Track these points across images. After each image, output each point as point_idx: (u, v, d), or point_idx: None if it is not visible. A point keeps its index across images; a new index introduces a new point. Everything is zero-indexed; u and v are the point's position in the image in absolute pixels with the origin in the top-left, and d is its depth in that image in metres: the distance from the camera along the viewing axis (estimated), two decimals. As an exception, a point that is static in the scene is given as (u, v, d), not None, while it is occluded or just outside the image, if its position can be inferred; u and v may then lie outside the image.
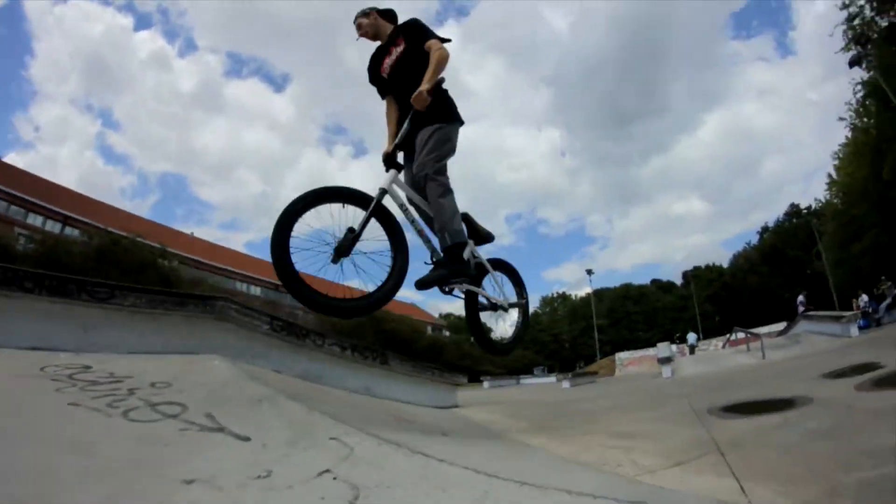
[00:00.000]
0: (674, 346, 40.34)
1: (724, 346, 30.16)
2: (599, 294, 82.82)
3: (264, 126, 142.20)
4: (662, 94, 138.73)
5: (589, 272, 60.26)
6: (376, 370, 6.31)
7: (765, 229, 71.16)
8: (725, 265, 78.65)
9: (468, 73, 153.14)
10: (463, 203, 3.80)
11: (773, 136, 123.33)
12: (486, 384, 27.53)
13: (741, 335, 25.04)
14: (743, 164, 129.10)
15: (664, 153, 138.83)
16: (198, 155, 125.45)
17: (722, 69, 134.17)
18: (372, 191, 3.56)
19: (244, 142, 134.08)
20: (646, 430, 4.25)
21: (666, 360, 15.33)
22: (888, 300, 18.20)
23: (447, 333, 68.89)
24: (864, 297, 20.10)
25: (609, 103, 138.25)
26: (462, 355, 47.98)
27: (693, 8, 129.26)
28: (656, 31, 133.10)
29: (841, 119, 31.71)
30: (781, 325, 25.27)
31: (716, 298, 69.92)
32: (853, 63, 23.91)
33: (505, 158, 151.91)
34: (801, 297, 26.64)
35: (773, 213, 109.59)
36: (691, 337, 39.57)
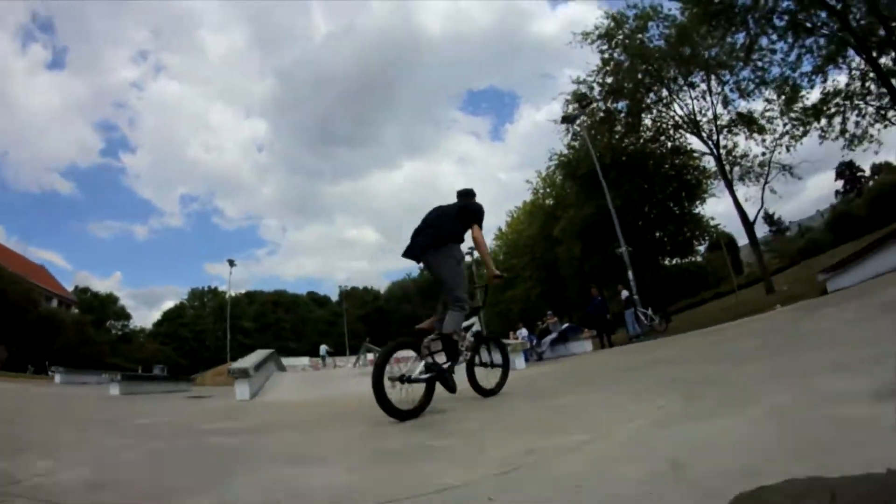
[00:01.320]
0: (306, 360, 41.94)
1: (354, 365, 30.41)
2: (252, 296, 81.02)
3: None
4: (377, 127, 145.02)
5: (231, 263, 53.87)
6: None
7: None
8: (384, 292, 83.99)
9: (210, 30, 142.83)
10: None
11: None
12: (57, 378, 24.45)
13: (371, 356, 25.04)
14: (420, 211, 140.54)
15: (356, 180, 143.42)
16: None
17: (437, 129, 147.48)
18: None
19: None
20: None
21: (241, 374, 10.68)
22: (553, 335, 18.92)
23: (76, 311, 59.18)
24: (523, 331, 20.99)
25: (325, 118, 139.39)
26: (84, 340, 43.29)
27: (440, 69, 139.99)
28: (398, 73, 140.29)
29: (528, 182, 36.55)
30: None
31: (367, 319, 74.38)
32: (566, 119, 26.43)
33: (202, 133, 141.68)
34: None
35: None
36: (322, 349, 40.82)
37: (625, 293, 19.26)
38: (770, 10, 21.49)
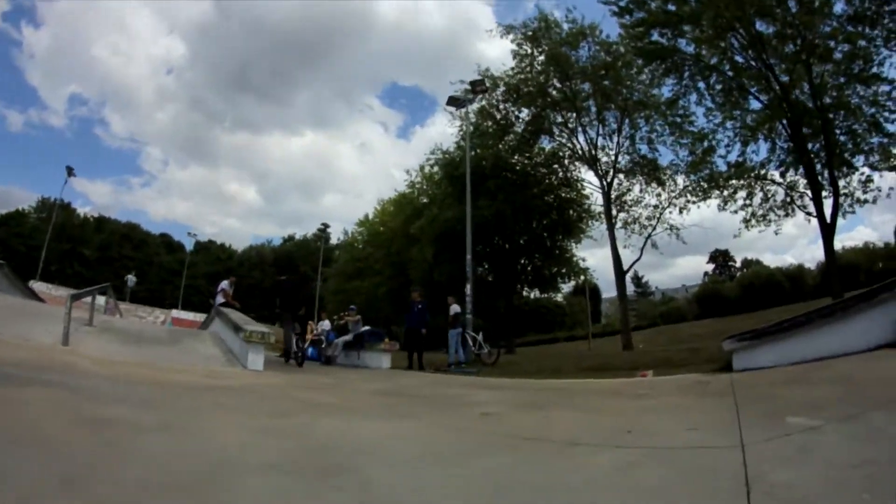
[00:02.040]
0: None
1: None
2: (103, 223, 72.14)
3: None
4: (292, 88, 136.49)
5: (69, 171, 46.32)
6: None
7: (290, 238, 74.06)
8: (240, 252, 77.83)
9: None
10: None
11: (347, 179, 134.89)
12: None
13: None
14: (310, 185, 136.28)
15: (255, 135, 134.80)
16: None
17: (350, 110, 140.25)
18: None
19: None
20: None
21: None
22: (348, 336, 15.58)
23: None
24: (326, 324, 17.79)
25: (246, 62, 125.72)
26: None
27: (376, 53, 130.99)
28: (334, 43, 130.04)
29: (406, 173, 33.90)
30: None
31: (214, 277, 68.30)
32: (452, 101, 23.43)
33: (116, 34, 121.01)
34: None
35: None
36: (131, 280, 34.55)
37: (455, 308, 15.75)
38: (710, 68, 20.55)
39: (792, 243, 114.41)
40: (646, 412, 5.20)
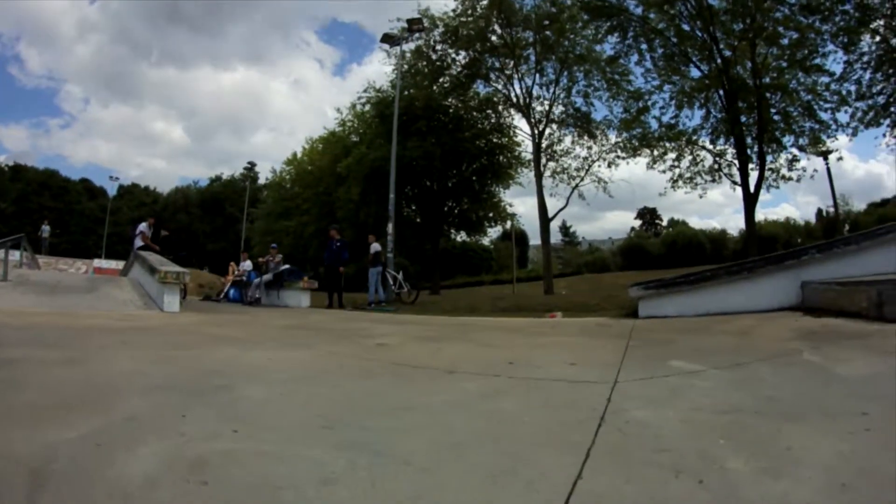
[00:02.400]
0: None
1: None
2: (19, 171, 66.95)
3: None
4: (226, 20, 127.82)
5: None
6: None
7: (217, 178, 71.10)
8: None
9: None
10: None
11: (279, 117, 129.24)
12: None
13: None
14: (239, 123, 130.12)
15: (183, 70, 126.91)
16: None
17: (286, 45, 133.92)
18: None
19: None
20: None
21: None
22: (268, 275, 15.16)
23: None
24: (247, 264, 17.12)
25: None
26: None
27: None
28: None
29: (338, 111, 32.72)
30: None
31: (138, 221, 65.24)
32: (386, 38, 22.75)
33: None
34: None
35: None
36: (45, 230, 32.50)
37: (375, 246, 15.52)
38: (655, 32, 20.40)
39: (718, 210, 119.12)
40: (536, 348, 5.31)
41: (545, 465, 2.01)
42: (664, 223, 66.01)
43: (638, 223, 69.02)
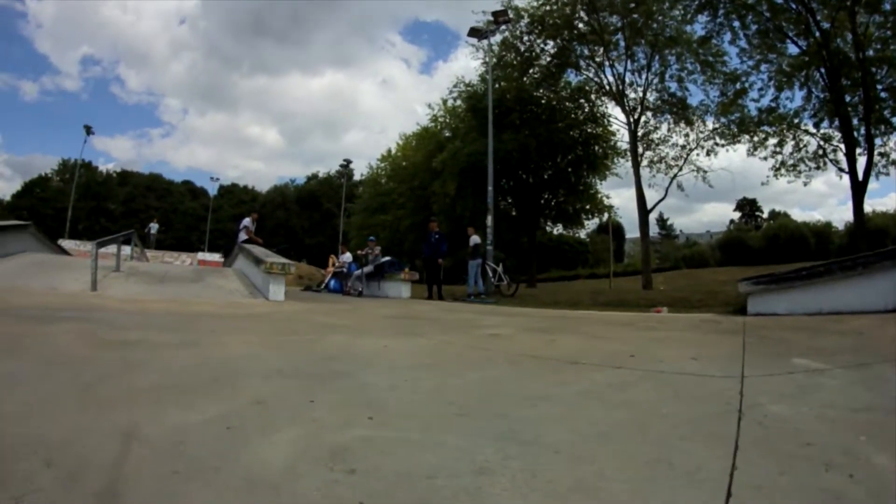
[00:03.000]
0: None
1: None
2: (126, 176, 72.07)
3: None
4: (310, 29, 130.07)
5: (87, 130, 47.15)
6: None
7: (313, 176, 73.71)
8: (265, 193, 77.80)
9: None
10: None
11: (369, 117, 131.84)
12: None
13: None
14: (331, 124, 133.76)
15: (273, 77, 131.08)
16: None
17: (371, 47, 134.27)
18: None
19: None
20: None
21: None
22: (369, 267, 15.57)
23: None
24: (347, 256, 17.49)
25: (261, 7, 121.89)
26: None
27: None
28: None
29: (429, 107, 33.02)
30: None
31: (240, 219, 68.66)
32: (474, 32, 22.29)
33: None
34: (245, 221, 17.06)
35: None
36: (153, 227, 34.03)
37: (474, 239, 15.67)
38: (746, 7, 19.32)
39: (822, 201, 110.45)
40: (652, 342, 5.18)
41: (698, 455, 1.99)
42: (765, 215, 62.73)
43: (737, 215, 66.14)
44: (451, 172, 25.71)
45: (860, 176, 18.01)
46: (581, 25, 23.31)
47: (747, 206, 64.07)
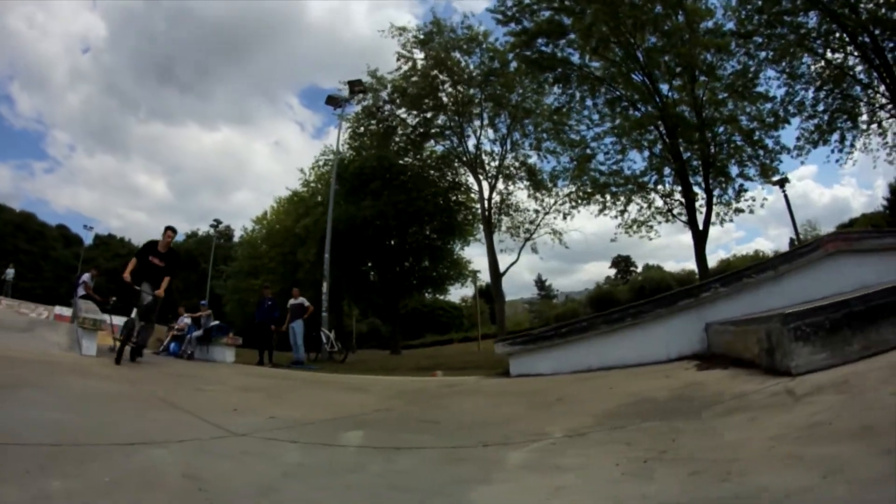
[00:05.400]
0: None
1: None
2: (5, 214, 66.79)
3: None
4: (214, 82, 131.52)
5: None
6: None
7: (193, 234, 71.01)
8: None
9: None
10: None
11: (259, 177, 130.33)
12: None
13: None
14: (221, 182, 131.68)
15: (170, 126, 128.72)
16: None
17: (271, 108, 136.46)
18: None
19: None
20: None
21: None
22: (199, 331, 14.97)
23: None
24: (187, 319, 16.53)
25: (169, 52, 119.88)
26: None
27: (301, 54, 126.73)
28: (262, 40, 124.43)
29: (301, 171, 33.13)
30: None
31: (112, 273, 64.64)
32: (331, 101, 23.24)
33: (32, 4, 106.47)
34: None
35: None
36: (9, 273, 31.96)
37: (295, 300, 15.53)
38: (595, 79, 21.18)
39: (693, 254, 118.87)
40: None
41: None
42: (639, 269, 66.40)
43: (613, 272, 69.47)
44: (312, 238, 25.77)
45: (700, 226, 19.61)
46: (444, 97, 24.32)
47: (622, 263, 67.45)
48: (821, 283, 5.72)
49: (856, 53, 19.47)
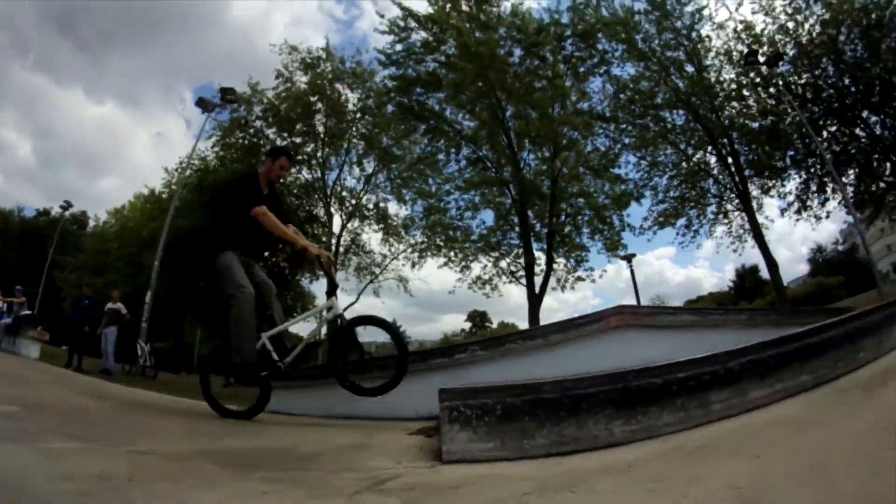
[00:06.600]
0: None
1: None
2: None
3: None
4: (115, 50, 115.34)
5: None
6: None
7: (45, 212, 65.15)
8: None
9: None
10: None
11: (133, 167, 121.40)
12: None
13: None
14: (92, 161, 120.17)
15: (54, 82, 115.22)
16: None
17: (163, 97, 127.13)
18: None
19: None
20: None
21: None
22: (8, 319, 14.34)
23: None
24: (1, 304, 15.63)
25: (84, 6, 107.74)
26: None
27: (209, 51, 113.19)
28: (177, 23, 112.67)
29: (165, 171, 31.48)
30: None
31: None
32: (200, 103, 22.80)
33: None
34: None
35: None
36: None
37: (112, 305, 14.80)
38: (463, 136, 22.31)
39: (551, 315, 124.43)
40: None
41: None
42: (494, 325, 67.97)
43: (468, 325, 71.61)
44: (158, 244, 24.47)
45: (536, 289, 20.78)
46: (319, 127, 24.13)
47: (477, 318, 70.06)
48: (604, 355, 5.51)
49: (713, 152, 21.84)
